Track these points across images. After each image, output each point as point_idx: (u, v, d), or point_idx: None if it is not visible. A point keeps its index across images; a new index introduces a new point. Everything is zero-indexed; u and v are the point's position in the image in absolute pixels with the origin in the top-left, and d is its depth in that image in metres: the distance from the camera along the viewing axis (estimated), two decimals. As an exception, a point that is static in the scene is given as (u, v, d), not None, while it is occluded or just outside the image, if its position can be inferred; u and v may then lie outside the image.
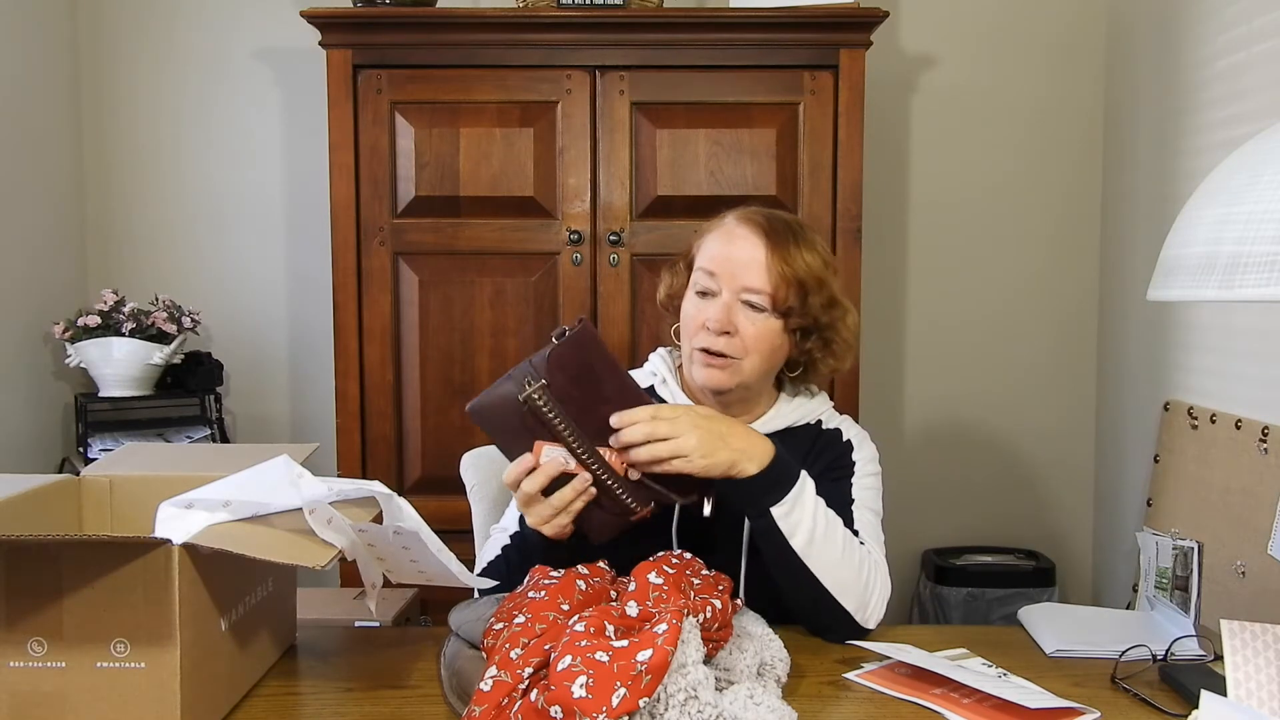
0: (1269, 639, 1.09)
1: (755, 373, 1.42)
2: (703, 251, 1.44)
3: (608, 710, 0.93)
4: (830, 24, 2.30)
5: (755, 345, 1.39)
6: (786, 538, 1.28)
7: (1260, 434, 1.99)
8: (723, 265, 1.39)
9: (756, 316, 1.39)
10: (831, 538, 1.31)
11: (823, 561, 1.29)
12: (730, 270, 1.39)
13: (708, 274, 1.41)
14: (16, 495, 1.18)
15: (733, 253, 1.40)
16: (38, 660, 1.00)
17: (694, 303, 1.42)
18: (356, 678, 1.22)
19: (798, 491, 1.28)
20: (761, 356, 1.41)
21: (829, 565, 1.30)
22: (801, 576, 1.29)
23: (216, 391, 2.68)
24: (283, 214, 2.84)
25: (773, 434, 1.42)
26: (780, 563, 1.30)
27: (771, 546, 1.29)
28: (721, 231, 1.43)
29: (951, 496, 2.91)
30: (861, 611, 1.32)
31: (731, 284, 1.39)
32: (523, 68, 2.32)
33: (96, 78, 2.80)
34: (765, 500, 1.27)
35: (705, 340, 1.39)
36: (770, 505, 1.27)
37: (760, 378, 1.44)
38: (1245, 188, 1.01)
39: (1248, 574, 1.95)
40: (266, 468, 1.13)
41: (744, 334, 1.39)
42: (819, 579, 1.29)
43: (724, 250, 1.40)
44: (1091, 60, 2.84)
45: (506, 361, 2.36)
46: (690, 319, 1.43)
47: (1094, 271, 2.88)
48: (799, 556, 1.28)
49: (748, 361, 1.40)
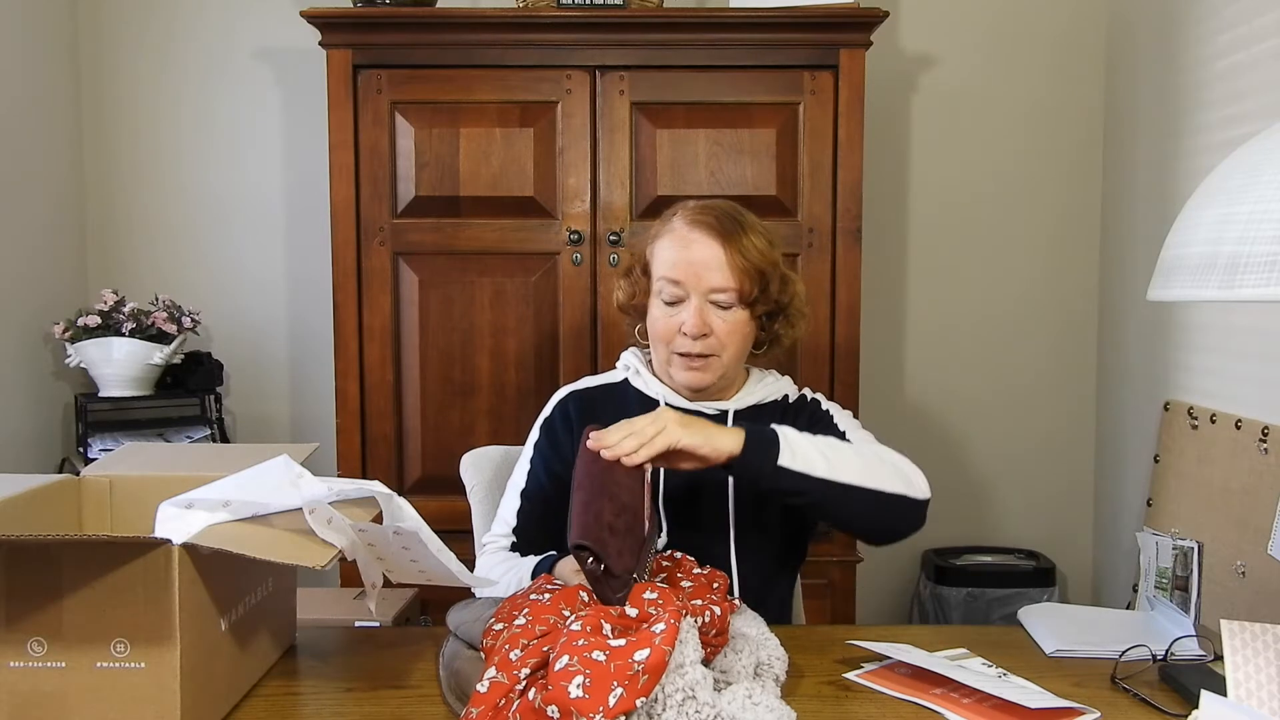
0: (1269, 639, 1.09)
1: (733, 363, 1.50)
2: (660, 259, 1.50)
3: (604, 710, 0.92)
4: (830, 24, 2.30)
5: (730, 339, 1.47)
6: (808, 473, 1.31)
7: (1260, 434, 1.99)
8: (685, 272, 1.46)
9: (726, 314, 1.47)
10: (839, 450, 1.36)
11: (849, 471, 1.33)
12: (694, 274, 1.45)
13: (672, 283, 1.47)
14: (16, 495, 1.18)
15: (692, 257, 1.46)
16: (38, 660, 1.00)
17: (663, 310, 1.49)
18: (356, 678, 1.22)
19: (784, 438, 1.33)
20: (737, 348, 1.49)
21: (857, 470, 1.34)
22: (844, 495, 1.33)
23: (216, 391, 2.68)
24: (283, 214, 2.84)
25: (746, 409, 1.53)
26: (820, 499, 1.33)
27: (804, 492, 1.32)
28: (675, 238, 1.49)
29: (951, 496, 2.91)
30: (910, 488, 1.37)
31: (698, 287, 1.45)
32: (523, 68, 2.32)
33: (96, 78, 2.80)
34: (768, 461, 1.31)
35: (684, 345, 1.47)
36: (775, 462, 1.31)
37: (736, 365, 1.52)
38: (1245, 188, 1.01)
39: (1248, 574, 1.95)
40: (266, 468, 1.13)
41: (718, 332, 1.46)
42: (857, 485, 1.33)
43: (683, 256, 1.46)
44: (1091, 60, 2.84)
45: (507, 361, 2.36)
46: (662, 326, 1.49)
47: (1094, 272, 2.88)
48: (828, 479, 1.32)
49: (725, 355, 1.48)
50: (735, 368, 1.53)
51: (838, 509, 1.35)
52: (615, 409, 1.49)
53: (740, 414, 1.52)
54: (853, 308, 2.33)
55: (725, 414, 1.52)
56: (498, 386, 2.36)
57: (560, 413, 1.58)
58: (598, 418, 1.44)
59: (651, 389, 1.55)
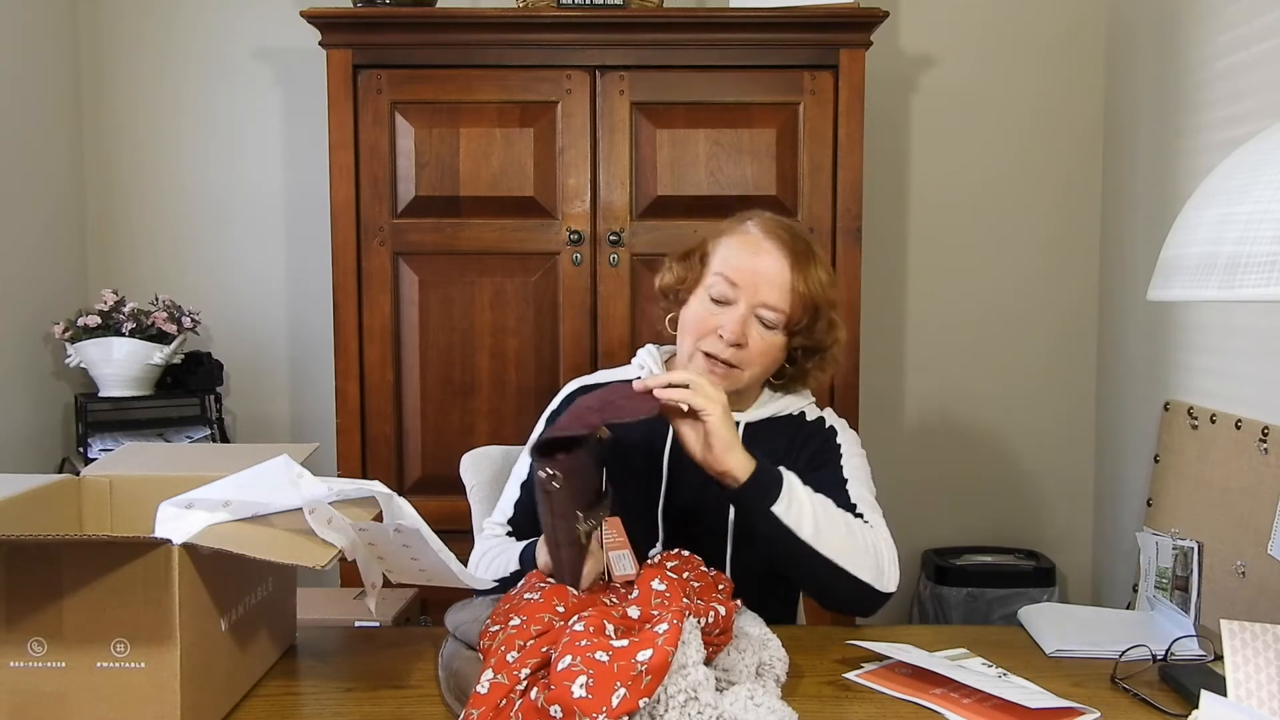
0: (1269, 639, 1.09)
1: (751, 381, 1.47)
2: (723, 256, 1.45)
3: (607, 710, 0.93)
4: (830, 24, 2.30)
5: (759, 359, 1.44)
6: (794, 531, 1.29)
7: (1260, 434, 1.99)
8: (746, 277, 1.41)
9: (766, 332, 1.43)
10: (833, 519, 1.33)
11: (832, 543, 1.31)
12: (753, 282, 1.41)
13: (729, 282, 1.42)
14: (16, 495, 1.18)
15: (758, 265, 1.42)
16: (38, 660, 1.00)
17: (706, 306, 1.44)
18: (356, 678, 1.22)
19: (788, 487, 1.31)
20: (762, 368, 1.46)
21: (838, 545, 1.32)
22: (817, 563, 1.31)
23: (216, 391, 2.68)
24: (283, 214, 2.84)
25: (758, 422, 1.50)
26: (794, 556, 1.31)
27: (782, 544, 1.31)
28: (746, 240, 1.45)
29: (951, 496, 2.91)
30: (880, 579, 1.34)
31: (751, 297, 1.41)
32: (523, 68, 2.32)
33: (96, 78, 2.80)
34: (764, 502, 1.29)
35: (714, 346, 1.42)
36: (770, 506, 1.29)
37: (753, 385, 1.50)
38: (1245, 188, 1.01)
39: (1248, 574, 1.95)
40: (266, 468, 1.13)
41: (752, 347, 1.43)
42: (833, 560, 1.31)
43: (749, 262, 1.42)
44: (1091, 60, 2.84)
45: (507, 361, 2.36)
46: (699, 321, 1.44)
47: (1094, 271, 2.88)
48: (810, 545, 1.30)
49: (748, 372, 1.45)
50: (751, 386, 1.50)
51: (803, 571, 1.33)
52: None
53: (753, 426, 1.49)
54: (853, 307, 2.33)
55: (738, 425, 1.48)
56: (498, 386, 2.36)
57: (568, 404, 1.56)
58: None
59: None
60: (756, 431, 1.49)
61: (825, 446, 1.51)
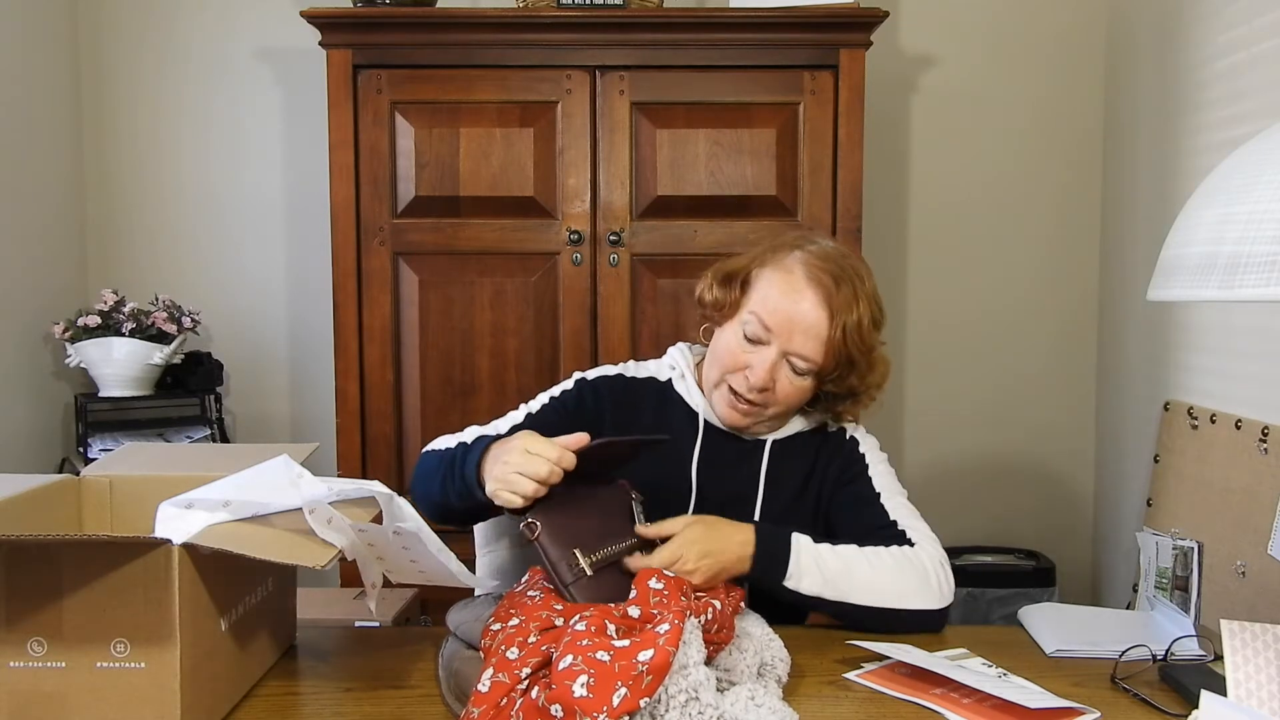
0: (1269, 639, 1.09)
1: (777, 416, 1.46)
2: (762, 293, 1.41)
3: (608, 710, 0.93)
4: (830, 24, 2.30)
5: (786, 400, 1.43)
6: (816, 597, 1.32)
7: (1260, 434, 1.99)
8: (780, 323, 1.38)
9: (796, 378, 1.41)
10: (853, 568, 1.34)
11: (867, 590, 1.33)
12: (787, 331, 1.38)
13: (763, 326, 1.39)
14: (16, 495, 1.18)
15: (795, 314, 1.38)
16: (38, 660, 1.00)
17: (739, 342, 1.41)
18: (356, 678, 1.22)
19: (795, 556, 1.32)
20: (788, 409, 1.46)
21: (875, 588, 1.33)
22: (859, 613, 1.34)
23: (216, 391, 2.68)
24: (283, 214, 2.84)
25: (784, 439, 1.49)
26: (832, 613, 1.35)
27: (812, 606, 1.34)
28: (788, 283, 1.40)
29: (951, 496, 2.91)
30: (934, 598, 1.36)
31: (785, 344, 1.39)
32: (523, 68, 2.32)
33: (96, 77, 2.80)
34: (774, 580, 1.31)
35: (739, 384, 1.41)
36: (781, 581, 1.31)
37: (777, 419, 1.48)
38: (1245, 188, 1.01)
39: (1248, 574, 1.95)
40: (266, 468, 1.13)
41: (779, 391, 1.41)
42: (874, 605, 1.33)
43: (787, 307, 1.38)
44: (1091, 60, 2.84)
45: (507, 361, 2.36)
46: (730, 355, 1.42)
47: (1094, 271, 2.88)
48: (840, 601, 1.33)
49: (773, 410, 1.44)
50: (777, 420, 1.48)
51: (851, 623, 1.34)
52: (654, 409, 1.49)
53: (779, 443, 1.48)
54: (853, 308, 2.33)
55: (763, 443, 1.48)
56: (498, 386, 2.36)
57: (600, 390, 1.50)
58: (636, 411, 1.46)
59: (694, 398, 1.49)
60: (783, 449, 1.48)
61: (851, 460, 1.50)
